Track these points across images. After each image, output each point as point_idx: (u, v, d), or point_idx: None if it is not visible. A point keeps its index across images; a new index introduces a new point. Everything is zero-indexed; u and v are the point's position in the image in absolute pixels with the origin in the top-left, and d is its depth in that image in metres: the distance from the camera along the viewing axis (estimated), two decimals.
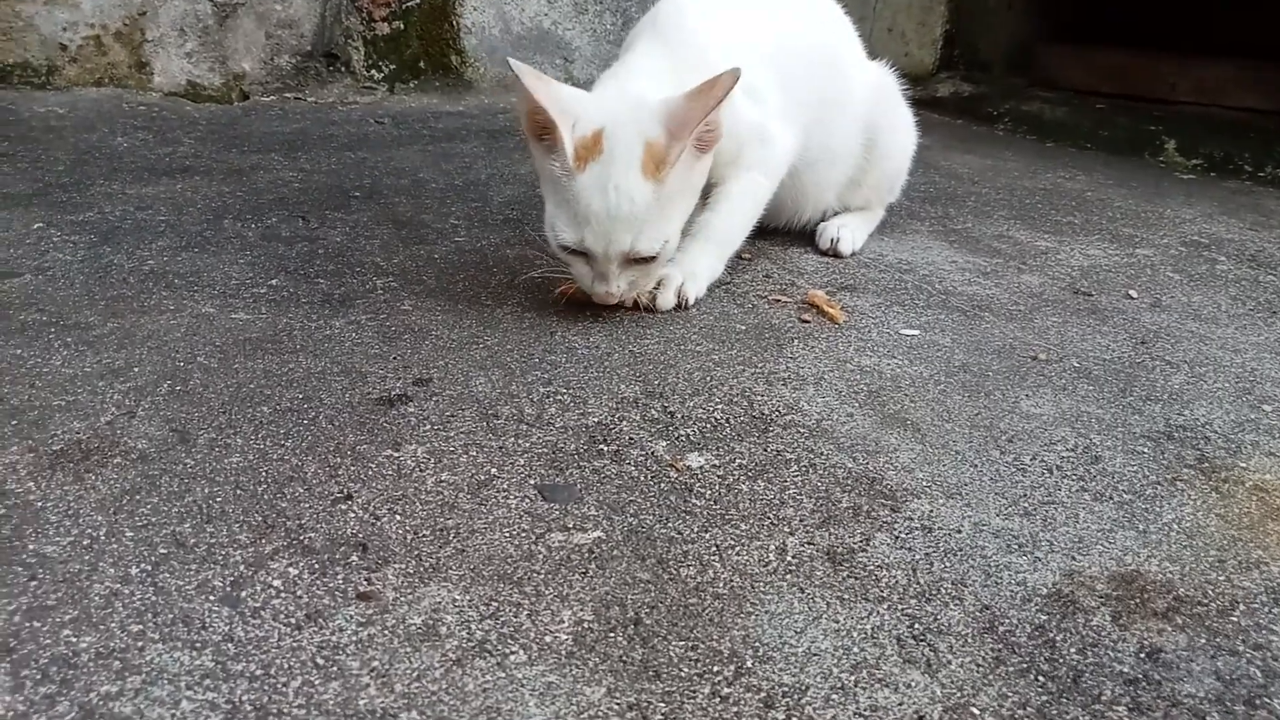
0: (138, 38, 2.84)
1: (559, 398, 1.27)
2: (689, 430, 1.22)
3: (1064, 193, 2.63)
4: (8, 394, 1.17)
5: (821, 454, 1.18)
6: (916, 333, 1.58)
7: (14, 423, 1.11)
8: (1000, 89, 3.87)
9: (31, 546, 0.91)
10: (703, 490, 1.09)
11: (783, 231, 1.97)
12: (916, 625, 0.90)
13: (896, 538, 1.03)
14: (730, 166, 1.61)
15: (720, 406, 1.28)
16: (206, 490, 1.02)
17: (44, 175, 2.03)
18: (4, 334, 1.32)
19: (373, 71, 3.14)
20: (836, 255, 1.91)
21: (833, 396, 1.34)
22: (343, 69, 3.12)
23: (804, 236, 1.97)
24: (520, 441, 1.16)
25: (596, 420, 1.22)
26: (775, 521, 1.04)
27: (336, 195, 2.06)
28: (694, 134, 1.38)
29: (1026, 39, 4.14)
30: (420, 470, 1.08)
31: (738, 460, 1.16)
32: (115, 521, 0.95)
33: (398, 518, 1.00)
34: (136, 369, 1.26)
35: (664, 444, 1.18)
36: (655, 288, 1.60)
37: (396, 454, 1.11)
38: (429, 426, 1.18)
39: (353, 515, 1.00)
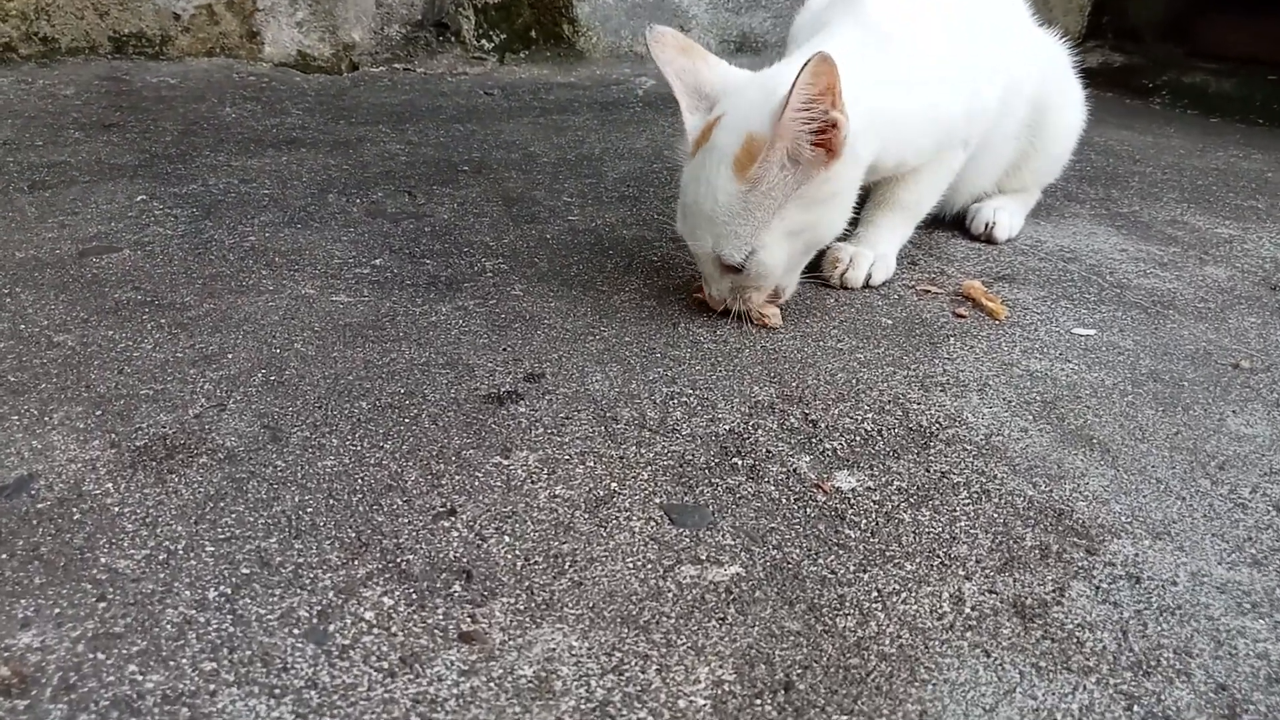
0: (249, 7, 2.79)
1: (684, 399, 1.13)
2: (835, 443, 1.05)
3: (1240, 173, 2.35)
4: (95, 380, 1.09)
5: (995, 478, 1.01)
6: (1091, 332, 1.37)
7: (99, 413, 1.02)
8: (1154, 59, 3.53)
9: (104, 560, 0.81)
10: (856, 519, 0.93)
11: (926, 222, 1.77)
12: (1137, 709, 0.72)
13: (1097, 588, 0.85)
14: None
15: (870, 415, 1.12)
16: (297, 498, 0.91)
17: (151, 146, 1.98)
18: (99, 313, 1.25)
19: (483, 41, 3.03)
20: (990, 241, 1.71)
21: (1001, 406, 1.15)
22: (452, 39, 3.02)
23: (950, 223, 1.77)
24: (643, 451, 1.02)
25: (728, 428, 1.07)
26: (947, 562, 0.87)
27: (444, 169, 1.95)
28: (788, 130, 1.16)
29: (1181, 5, 3.77)
30: (532, 482, 0.95)
31: (895, 482, 0.99)
32: (196, 533, 0.85)
33: (506, 539, 0.87)
34: (230, 356, 1.16)
35: (807, 459, 1.02)
36: (839, 269, 1.46)
37: (506, 462, 0.98)
38: (541, 430, 1.05)
39: (456, 534, 0.87)
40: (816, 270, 1.46)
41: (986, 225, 1.70)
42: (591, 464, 0.99)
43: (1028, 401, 1.17)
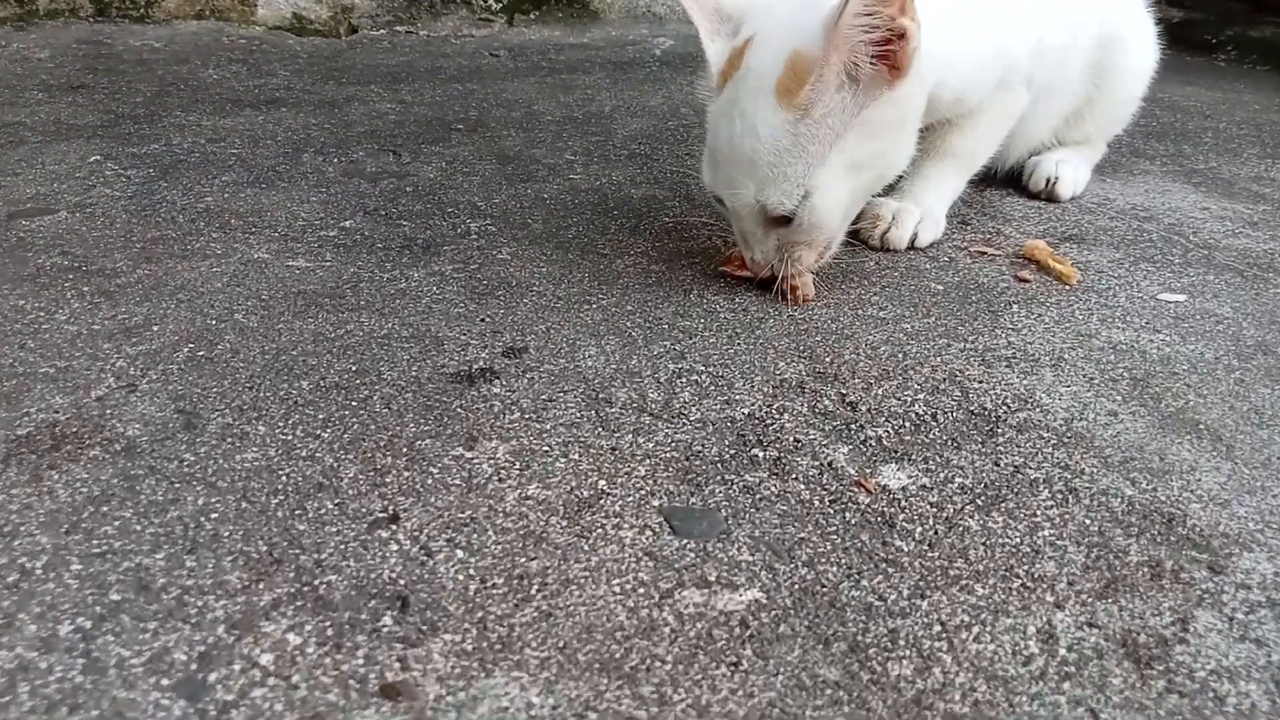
0: None
1: (694, 378, 0.93)
2: (880, 430, 0.85)
3: None
4: None
5: (1082, 472, 0.80)
6: (1181, 298, 1.16)
7: None
8: (1216, 13, 3.27)
9: None
10: (910, 526, 0.73)
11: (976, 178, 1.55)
12: None
13: (1232, 619, 0.65)
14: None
15: (921, 396, 0.91)
16: (201, 500, 0.72)
17: (118, 107, 1.80)
18: (13, 280, 1.07)
19: (490, 1, 2.84)
20: (1051, 199, 1.49)
21: (1081, 384, 0.95)
22: (458, 0, 2.83)
23: (1002, 179, 1.55)
24: (640, 440, 0.82)
25: (746, 412, 0.88)
26: (1030, 584, 0.67)
27: (436, 128, 1.76)
28: (847, 40, 0.95)
29: None
30: (499, 479, 0.76)
31: (957, 479, 0.79)
32: (63, 546, 0.67)
33: (458, 554, 0.68)
34: (156, 328, 0.98)
35: (845, 450, 0.82)
36: (880, 228, 1.25)
37: (469, 454, 0.79)
38: (517, 415, 0.85)
39: (395, 548, 0.68)
40: (853, 229, 1.25)
41: (1048, 180, 1.48)
42: (576, 457, 0.80)
43: (1113, 379, 0.96)
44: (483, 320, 1.03)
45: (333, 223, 1.29)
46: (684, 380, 0.93)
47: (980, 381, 0.94)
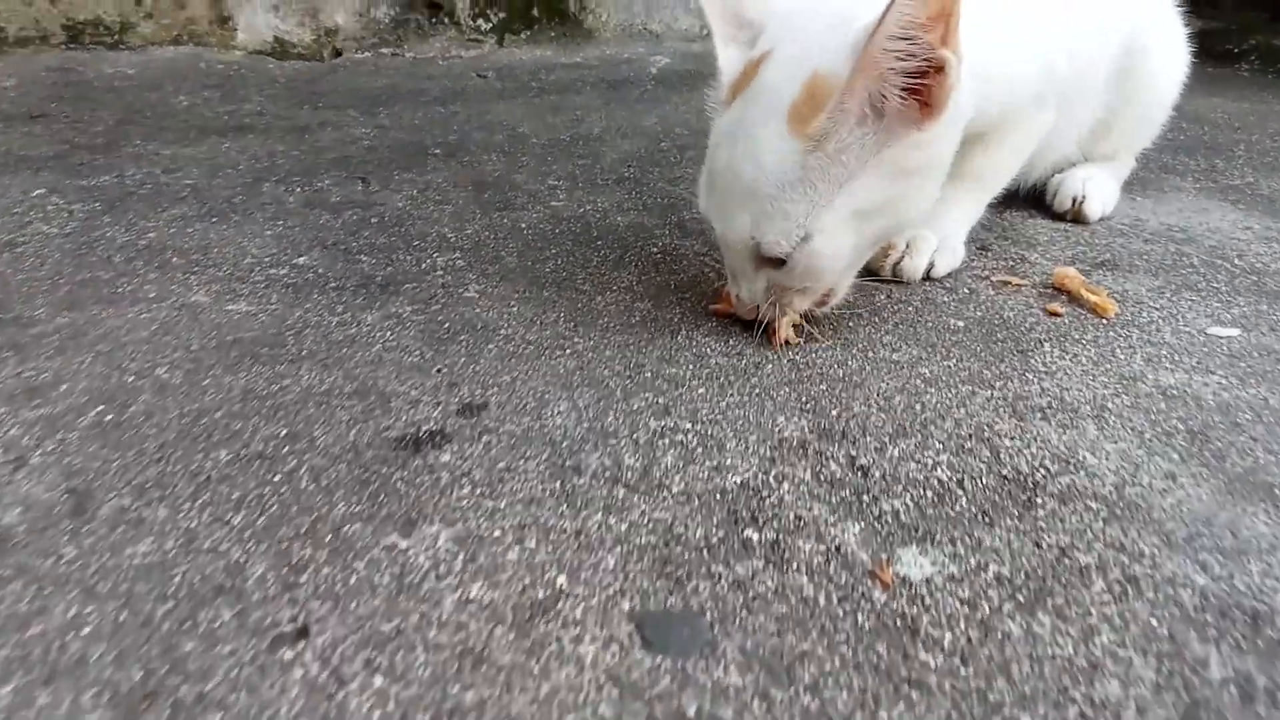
0: None
1: (679, 438, 0.80)
2: (897, 502, 0.72)
3: None
4: None
5: (1141, 554, 0.67)
6: (1234, 332, 1.02)
7: None
8: (1236, 23, 3.15)
9: None
10: (937, 633, 0.59)
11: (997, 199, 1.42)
12: None
13: None
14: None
15: (944, 458, 0.78)
16: (74, 610, 0.59)
17: (75, 137, 1.69)
18: None
19: (479, 21, 2.73)
20: (1078, 220, 1.36)
21: (1130, 439, 0.81)
22: (446, 20, 2.72)
23: (1024, 198, 1.42)
24: (612, 521, 0.69)
25: (739, 480, 0.74)
26: (1089, 712, 0.54)
27: (412, 153, 1.64)
28: (875, 66, 0.81)
29: None
30: (437, 576, 0.63)
31: (991, 565, 0.65)
32: None
33: (377, 680, 0.55)
34: (65, 386, 0.86)
35: (857, 529, 0.69)
36: (892, 257, 1.13)
37: (405, 543, 0.66)
38: (467, 490, 0.72)
39: (300, 673, 0.55)
40: None
41: (1074, 200, 1.35)
42: (533, 544, 0.67)
43: (1167, 432, 0.83)
44: (439, 371, 0.90)
45: (285, 260, 1.17)
46: (667, 441, 0.79)
47: (1012, 438, 0.81)
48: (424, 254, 1.19)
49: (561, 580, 0.63)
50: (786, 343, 0.96)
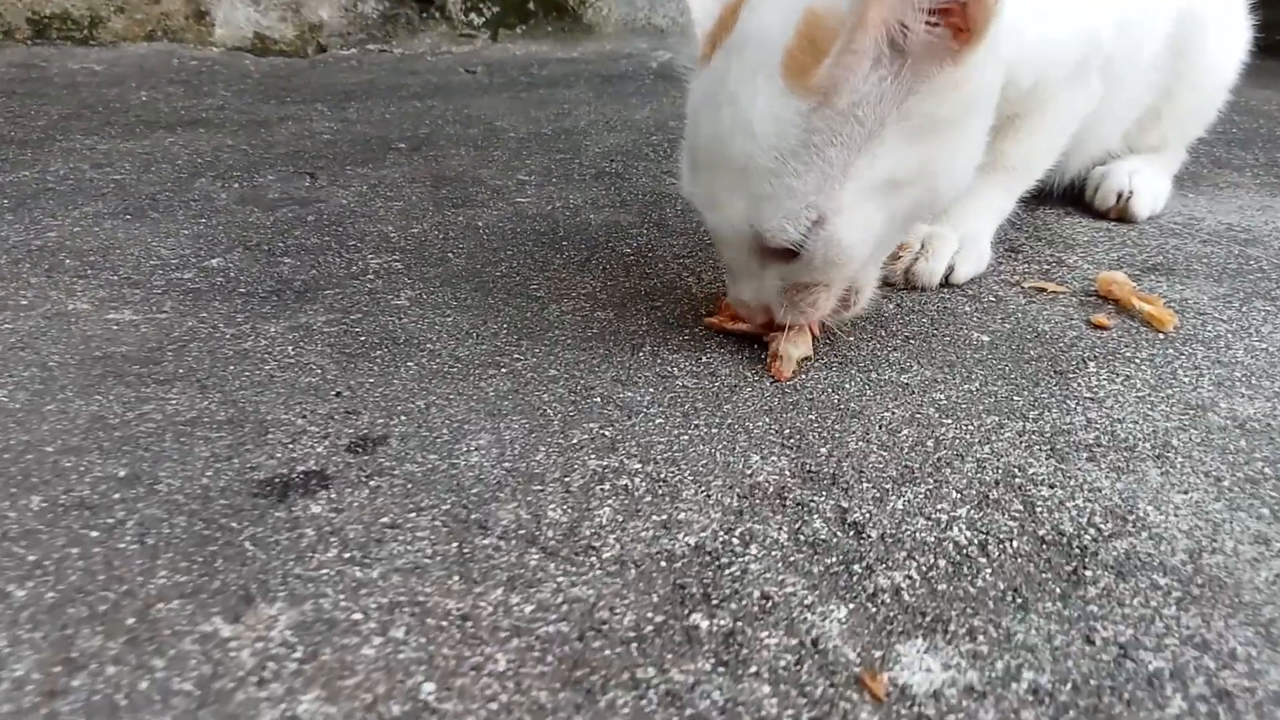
0: None
1: (624, 483, 0.63)
2: (898, 575, 0.54)
3: None
4: None
5: (1233, 656, 0.49)
6: None
7: None
8: None
9: None
10: None
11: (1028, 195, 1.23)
12: None
13: None
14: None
15: (963, 512, 0.60)
16: None
17: (11, 131, 1.54)
18: None
19: (472, 16, 2.58)
20: (1124, 218, 1.17)
21: (1204, 488, 0.63)
22: (437, 14, 2.57)
23: (1059, 197, 1.23)
24: (515, 600, 0.52)
25: (692, 541, 0.57)
26: None
27: (373, 148, 1.48)
28: None
29: None
30: (260, 682, 0.46)
31: (1025, 672, 0.47)
32: None
33: None
34: None
35: (842, 614, 0.51)
36: (904, 260, 0.95)
37: (230, 630, 0.49)
38: (334, 553, 0.55)
39: None
40: None
41: (1119, 195, 1.17)
42: (401, 632, 0.49)
43: (1251, 478, 0.64)
44: (339, 395, 0.74)
45: (195, 262, 1.00)
46: (607, 487, 0.62)
47: (1051, 486, 0.63)
48: (357, 255, 1.03)
49: (428, 690, 0.46)
50: (781, 374, 0.77)
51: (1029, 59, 0.82)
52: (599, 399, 0.74)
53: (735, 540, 0.57)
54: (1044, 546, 0.57)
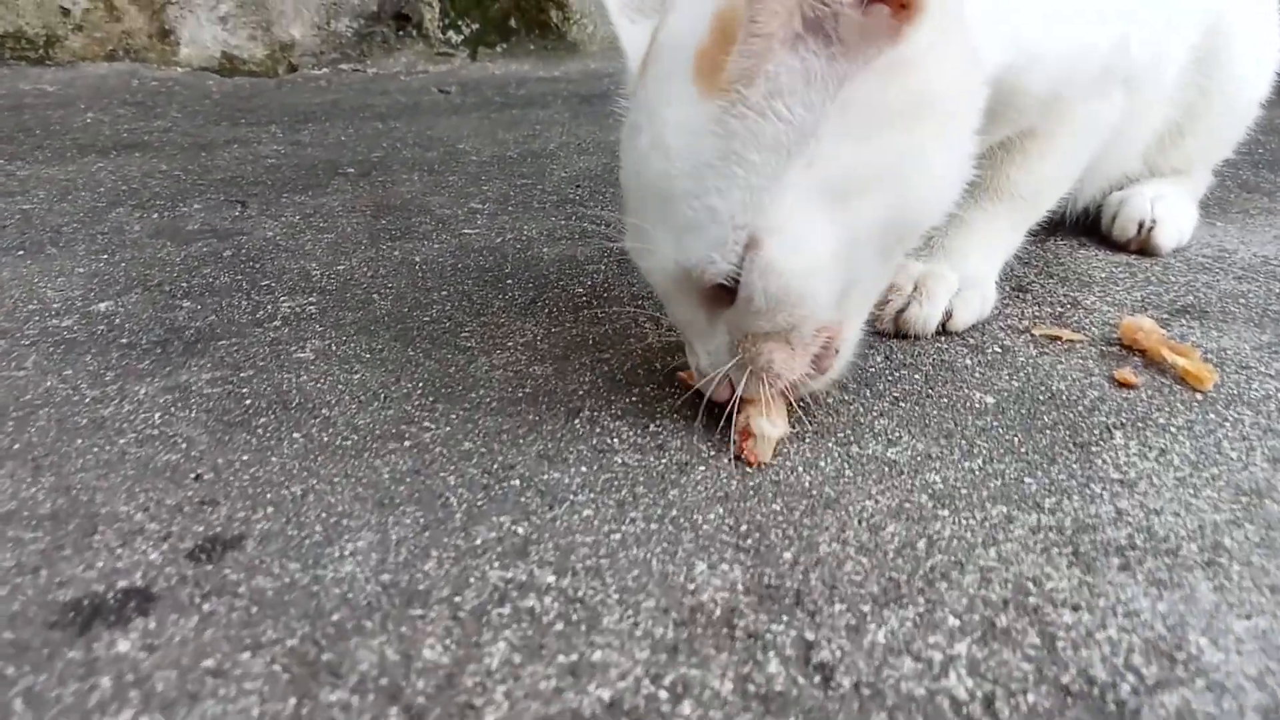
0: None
1: (530, 605, 0.49)
2: None
3: None
4: None
5: None
6: None
7: None
8: None
9: None
10: None
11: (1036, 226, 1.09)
12: None
13: None
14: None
15: (963, 648, 0.46)
16: None
17: None
18: None
19: (450, 34, 2.46)
20: (1145, 250, 1.04)
21: (1273, 610, 0.49)
22: (414, 32, 2.46)
23: (1070, 225, 1.10)
24: None
25: (607, 695, 0.43)
26: None
27: (318, 173, 1.36)
28: None
29: None
30: None
31: None
32: None
33: None
34: None
35: None
36: (894, 303, 0.81)
37: None
38: (129, 712, 0.42)
39: None
40: None
41: (1140, 225, 1.03)
42: None
43: None
44: (199, 477, 0.60)
45: (81, 306, 0.87)
46: (507, 611, 0.49)
47: (1076, 607, 0.49)
48: (268, 298, 0.90)
49: None
50: (751, 458, 0.63)
51: (1041, 63, 0.69)
52: (517, 481, 0.60)
53: (663, 693, 0.44)
54: (1069, 701, 0.43)
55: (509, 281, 0.95)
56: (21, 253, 1.01)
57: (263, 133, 1.63)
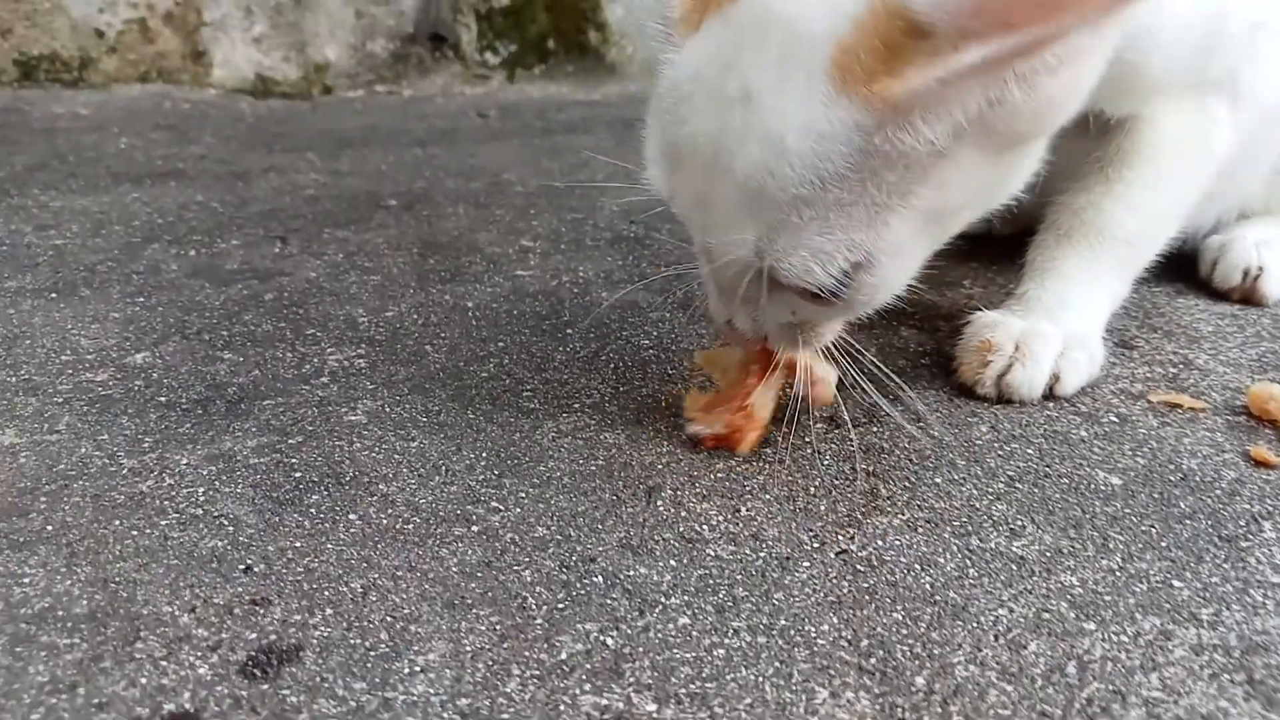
0: (193, 20, 2.23)
1: None
2: None
3: None
4: None
5: None
6: None
7: None
8: None
9: None
10: None
11: None
12: None
13: None
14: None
15: None
16: None
17: None
18: None
19: (487, 55, 2.42)
20: (1249, 300, 0.96)
21: None
22: (450, 53, 2.42)
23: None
24: None
25: None
26: None
27: (359, 205, 1.30)
28: None
29: None
30: None
31: None
32: None
33: None
34: None
35: None
36: (995, 366, 0.74)
37: None
38: None
39: None
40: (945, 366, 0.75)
41: (1245, 273, 0.96)
42: None
43: None
44: (249, 569, 0.54)
45: (116, 358, 0.82)
46: None
47: None
48: (314, 349, 0.84)
49: None
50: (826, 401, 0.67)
51: (1151, 36, 0.64)
52: (600, 579, 0.54)
53: None
54: None
55: (569, 331, 0.89)
56: (55, 295, 0.96)
57: (300, 160, 1.59)
